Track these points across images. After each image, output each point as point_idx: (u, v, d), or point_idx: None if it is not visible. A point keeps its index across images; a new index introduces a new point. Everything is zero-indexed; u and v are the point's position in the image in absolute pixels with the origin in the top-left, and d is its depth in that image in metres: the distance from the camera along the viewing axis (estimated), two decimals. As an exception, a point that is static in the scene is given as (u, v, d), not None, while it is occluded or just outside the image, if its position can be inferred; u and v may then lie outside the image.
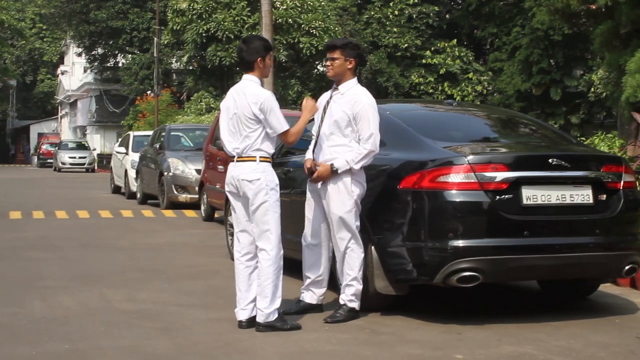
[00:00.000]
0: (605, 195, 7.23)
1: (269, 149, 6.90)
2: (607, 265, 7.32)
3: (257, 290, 6.89)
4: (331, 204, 7.17)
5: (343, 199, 7.14)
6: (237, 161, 6.93)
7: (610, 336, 6.76)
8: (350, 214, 7.16)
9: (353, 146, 7.17)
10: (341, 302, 7.28)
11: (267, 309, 6.81)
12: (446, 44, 39.87)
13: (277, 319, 6.86)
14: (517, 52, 34.92)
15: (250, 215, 6.93)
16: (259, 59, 6.97)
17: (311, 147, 7.49)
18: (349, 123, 7.18)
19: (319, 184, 7.27)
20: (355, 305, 7.25)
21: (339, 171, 7.12)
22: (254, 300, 6.95)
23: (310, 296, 7.54)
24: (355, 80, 7.38)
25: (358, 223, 7.22)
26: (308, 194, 7.51)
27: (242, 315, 6.98)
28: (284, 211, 7.20)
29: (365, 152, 7.10)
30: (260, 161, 6.85)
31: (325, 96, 7.52)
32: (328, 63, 7.38)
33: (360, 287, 7.27)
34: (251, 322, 6.93)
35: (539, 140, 8.27)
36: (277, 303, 6.87)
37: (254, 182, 6.82)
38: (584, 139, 17.48)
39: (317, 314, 7.38)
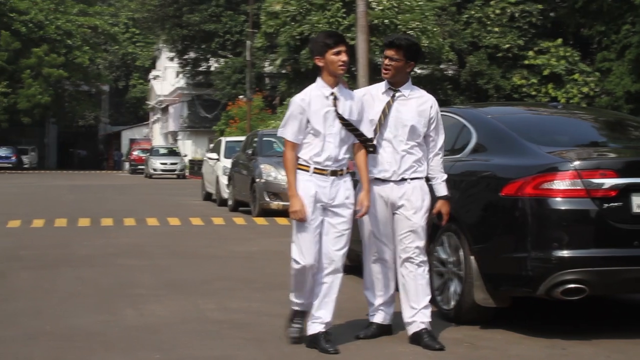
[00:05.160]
0: None
1: (304, 155, 6.43)
2: None
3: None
4: (416, 215, 6.61)
5: (426, 209, 6.68)
6: None
7: None
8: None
9: (422, 152, 6.70)
10: (426, 325, 6.64)
11: None
12: (550, 44, 38.44)
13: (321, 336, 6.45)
14: (626, 51, 33.45)
15: None
16: (316, 58, 6.51)
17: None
18: (424, 128, 6.67)
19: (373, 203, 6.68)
20: None
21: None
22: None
23: (383, 317, 6.90)
24: (410, 81, 6.83)
25: None
26: (372, 207, 6.70)
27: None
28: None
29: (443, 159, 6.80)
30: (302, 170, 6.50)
31: (376, 94, 6.77)
32: (387, 62, 6.65)
33: None
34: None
35: (651, 144, 7.94)
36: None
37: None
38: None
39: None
